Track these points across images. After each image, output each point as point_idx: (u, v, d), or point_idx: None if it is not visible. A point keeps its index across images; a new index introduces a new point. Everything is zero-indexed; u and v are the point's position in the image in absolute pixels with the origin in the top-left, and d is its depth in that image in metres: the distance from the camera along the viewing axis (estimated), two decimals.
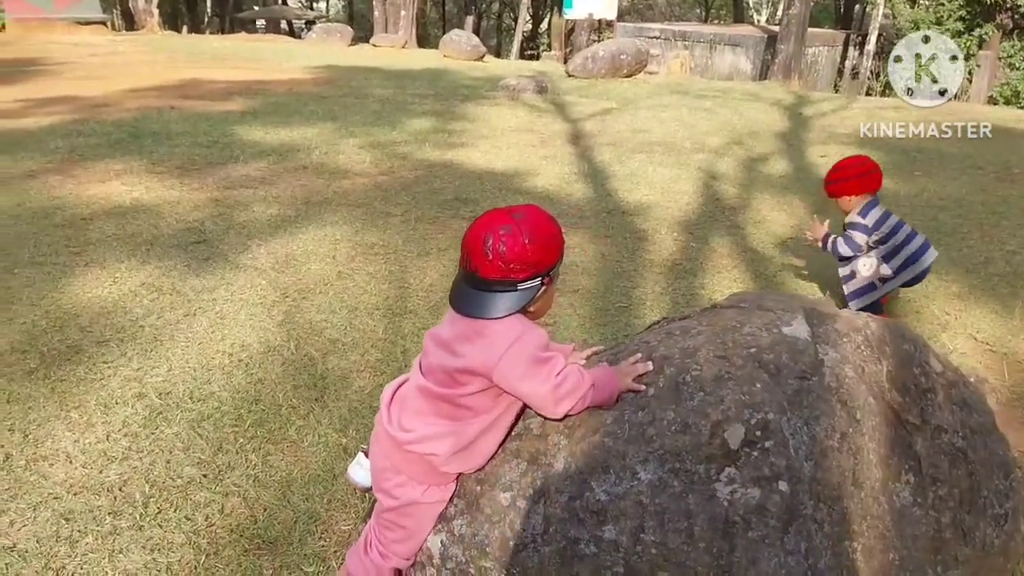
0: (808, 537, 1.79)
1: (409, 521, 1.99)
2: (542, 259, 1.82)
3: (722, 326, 2.02)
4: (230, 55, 16.82)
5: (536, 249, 1.80)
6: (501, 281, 1.80)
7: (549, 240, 1.84)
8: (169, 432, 3.02)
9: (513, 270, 1.79)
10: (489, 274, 1.80)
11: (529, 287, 1.82)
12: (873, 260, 4.01)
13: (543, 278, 1.84)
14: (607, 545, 1.74)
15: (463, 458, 1.94)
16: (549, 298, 1.95)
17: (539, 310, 1.92)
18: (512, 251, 1.77)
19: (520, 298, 1.82)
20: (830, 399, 1.93)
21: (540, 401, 1.85)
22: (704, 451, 1.76)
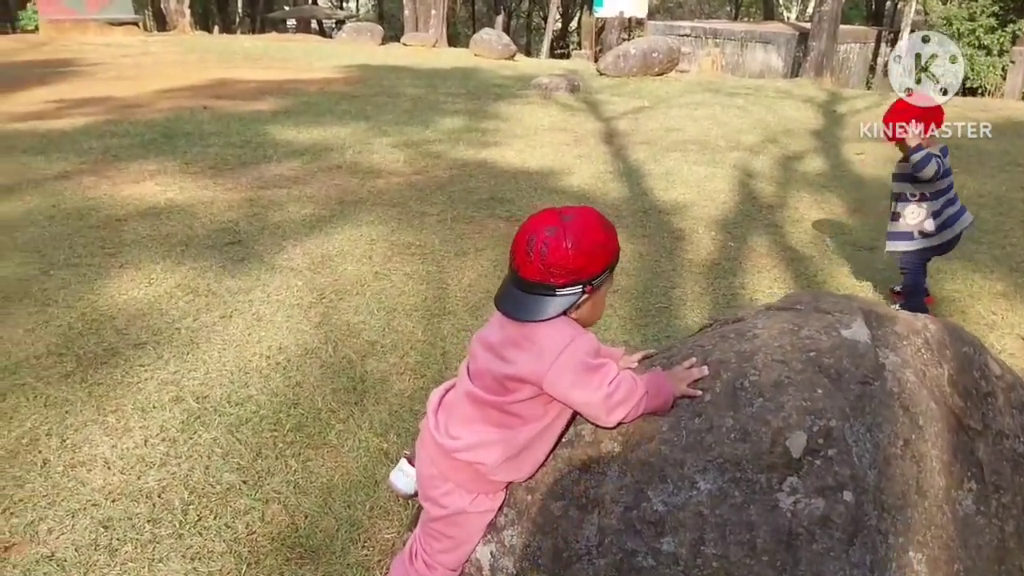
0: (873, 549, 1.71)
1: (456, 531, 1.93)
2: (584, 267, 1.74)
3: (779, 329, 1.94)
4: (261, 55, 16.90)
5: (578, 256, 1.72)
6: (540, 284, 1.74)
7: (595, 248, 1.75)
8: (207, 437, 2.99)
9: (552, 274, 1.72)
10: (529, 275, 1.75)
11: (568, 294, 1.75)
12: (923, 211, 4.01)
13: (584, 286, 1.75)
14: (666, 558, 1.67)
15: (512, 466, 1.88)
16: (597, 307, 1.86)
17: (584, 318, 1.84)
18: (553, 255, 1.71)
19: (558, 304, 1.75)
20: (892, 405, 1.85)
21: (592, 410, 1.79)
22: (765, 460, 1.69)
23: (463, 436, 1.87)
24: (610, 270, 1.83)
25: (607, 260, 1.80)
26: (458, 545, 1.94)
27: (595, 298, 1.82)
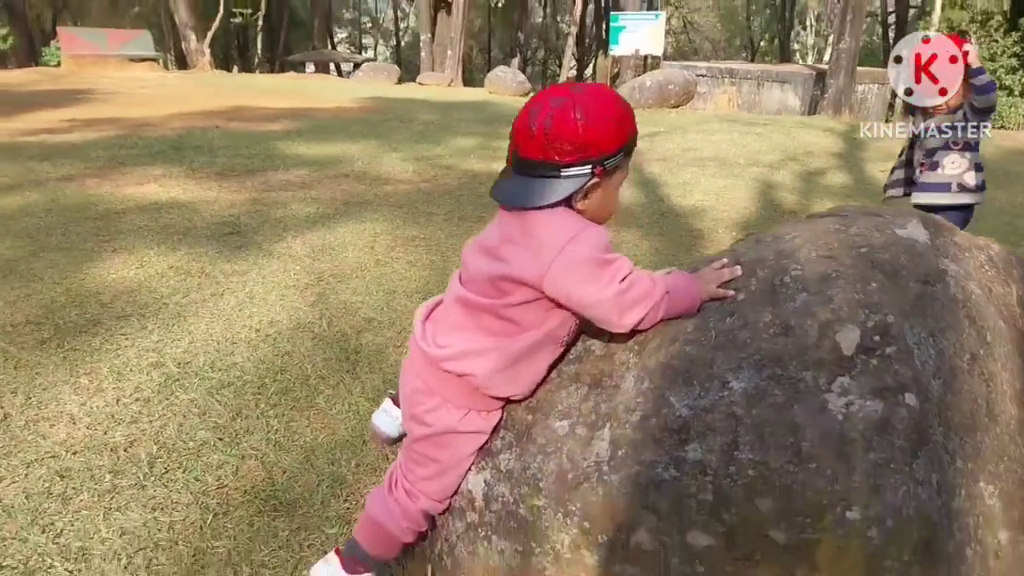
0: (940, 468, 1.43)
1: (443, 453, 1.65)
2: (594, 141, 1.46)
3: (823, 230, 1.69)
4: (276, 89, 16.93)
5: (588, 128, 1.45)
6: (543, 163, 1.48)
7: (607, 121, 1.48)
8: (184, 398, 2.74)
9: (557, 150, 1.46)
10: (530, 153, 1.48)
11: (574, 175, 1.48)
12: (965, 161, 3.74)
13: (594, 167, 1.48)
14: (691, 467, 1.40)
15: (507, 379, 1.61)
16: (608, 200, 1.57)
17: (592, 211, 1.55)
18: (558, 127, 1.45)
19: (564, 187, 1.48)
20: (957, 312, 1.59)
21: (602, 310, 1.50)
22: (811, 356, 1.42)
23: (452, 344, 1.61)
24: (625, 153, 1.54)
25: (622, 139, 1.52)
26: (443, 471, 1.66)
27: (606, 187, 1.54)
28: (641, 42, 20.01)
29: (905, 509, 1.36)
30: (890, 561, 1.37)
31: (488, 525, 1.65)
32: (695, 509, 1.39)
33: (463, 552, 1.71)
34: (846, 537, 1.35)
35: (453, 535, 1.73)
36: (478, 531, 1.67)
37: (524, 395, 1.67)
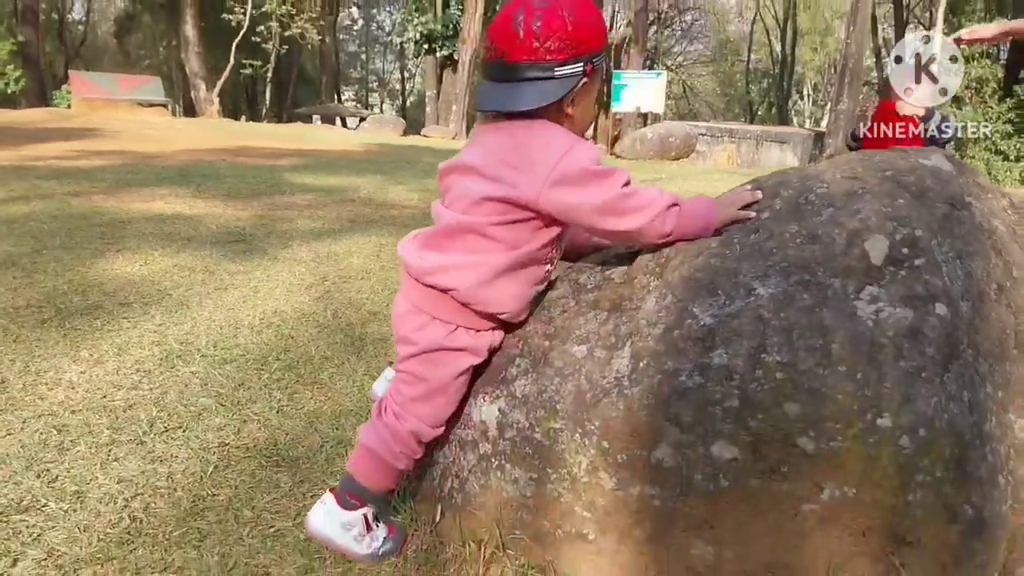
0: (972, 387, 1.39)
1: (432, 371, 1.60)
2: (585, 38, 1.46)
3: (846, 159, 1.68)
4: (283, 134, 17.12)
5: (578, 25, 1.45)
6: (535, 64, 1.45)
7: (593, 19, 1.49)
8: (186, 370, 2.69)
9: (550, 49, 1.44)
10: (520, 56, 1.45)
11: (570, 73, 1.47)
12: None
13: (585, 64, 1.48)
14: (716, 373, 1.36)
15: (490, 295, 1.57)
16: (589, 104, 1.57)
17: (578, 118, 1.55)
18: (549, 25, 1.43)
19: (558, 88, 1.46)
20: (983, 240, 1.57)
21: (604, 214, 1.46)
22: (840, 263, 1.40)
23: (436, 259, 1.59)
24: (605, 54, 1.59)
25: (604, 37, 1.55)
26: (432, 392, 1.61)
27: (590, 89, 1.54)
28: (642, 100, 20.34)
29: (938, 421, 1.32)
30: (922, 475, 1.32)
31: (502, 454, 1.61)
32: (720, 417, 1.35)
33: (474, 486, 1.65)
34: (877, 445, 1.31)
35: (465, 469, 1.68)
36: (491, 461, 1.62)
37: (513, 314, 1.64)
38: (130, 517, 1.84)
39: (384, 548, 1.69)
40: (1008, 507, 1.44)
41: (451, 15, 27.71)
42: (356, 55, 55.35)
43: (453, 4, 27.66)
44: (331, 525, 1.64)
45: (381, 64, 56.68)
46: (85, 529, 1.78)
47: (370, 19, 51.54)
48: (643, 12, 26.22)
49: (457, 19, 27.17)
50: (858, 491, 1.31)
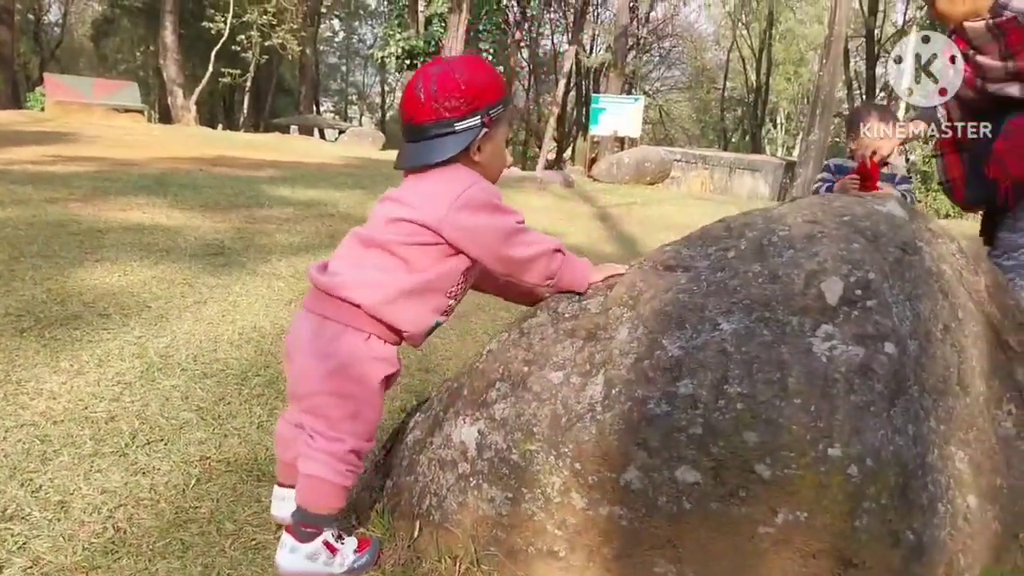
0: (916, 421, 1.50)
1: (356, 386, 1.67)
2: (478, 94, 1.65)
3: (807, 203, 1.79)
4: (262, 144, 17.11)
5: (469, 84, 1.64)
6: (437, 123, 1.64)
7: (484, 77, 1.68)
8: (167, 383, 2.75)
9: (447, 108, 1.63)
10: (423, 117, 1.65)
11: (468, 126, 1.65)
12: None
13: (482, 116, 1.66)
14: (682, 401, 1.46)
15: (393, 312, 1.68)
16: (498, 150, 1.75)
17: (486, 164, 1.73)
18: (444, 88, 1.63)
19: (460, 141, 1.65)
20: (932, 284, 1.68)
21: (492, 235, 1.64)
22: (798, 302, 1.50)
23: (342, 272, 1.71)
24: (504, 106, 1.73)
25: (501, 89, 1.71)
26: (361, 406, 1.68)
27: (495, 137, 1.72)
28: (620, 124, 20.61)
29: (884, 452, 1.43)
30: (868, 502, 1.42)
31: (480, 474, 1.69)
32: (684, 444, 1.45)
33: (452, 504, 1.73)
34: (827, 474, 1.41)
35: (443, 488, 1.76)
36: (469, 480, 1.70)
37: (412, 335, 1.74)
38: (114, 527, 1.89)
39: (359, 562, 1.75)
40: (947, 533, 1.54)
41: (433, 32, 27.88)
42: (336, 67, 55.39)
43: (435, 21, 27.84)
44: (298, 561, 1.70)
45: (361, 77, 56.76)
46: (70, 538, 1.83)
47: (351, 32, 51.65)
48: (623, 37, 26.61)
49: (439, 36, 27.34)
50: (810, 516, 1.41)
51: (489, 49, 28.40)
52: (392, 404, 2.74)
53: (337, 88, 56.15)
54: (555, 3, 37.78)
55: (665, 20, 40.45)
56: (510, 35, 32.95)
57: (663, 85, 45.43)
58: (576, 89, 39.42)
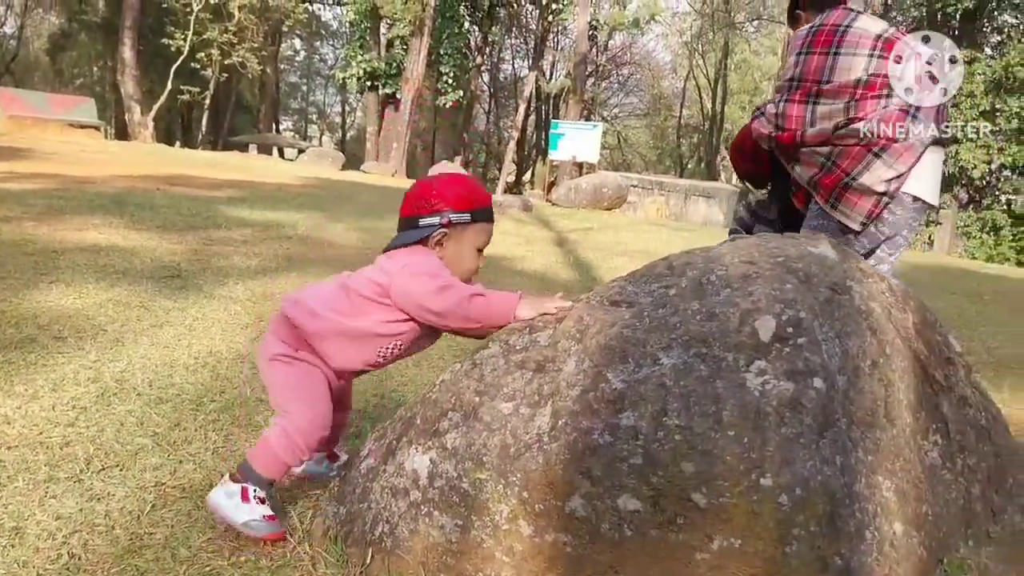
0: (844, 452, 1.60)
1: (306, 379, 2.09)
2: (441, 200, 2.04)
3: (744, 244, 1.90)
4: (220, 163, 17.01)
5: (438, 192, 2.06)
6: (409, 218, 2.08)
7: (455, 190, 2.08)
8: (122, 408, 2.76)
9: (416, 207, 2.06)
10: (403, 212, 2.10)
11: (427, 224, 2.04)
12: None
13: (442, 219, 2.03)
14: (624, 432, 1.54)
15: (324, 344, 2.06)
16: (463, 255, 2.09)
17: (450, 260, 2.07)
18: (418, 191, 2.10)
19: (419, 232, 2.05)
20: (860, 321, 1.79)
21: (418, 295, 1.96)
22: (733, 339, 1.60)
23: (303, 300, 2.09)
24: (474, 218, 2.08)
25: (468, 205, 2.07)
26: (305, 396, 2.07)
27: (460, 241, 2.07)
28: (578, 149, 20.87)
29: (812, 481, 1.52)
30: (798, 529, 1.51)
31: (431, 502, 1.75)
32: (626, 473, 1.52)
33: (404, 531, 1.79)
34: (760, 502, 1.49)
35: (396, 516, 1.81)
36: (420, 508, 1.76)
37: (335, 366, 2.11)
38: (69, 554, 1.91)
39: (255, 523, 1.98)
40: (874, 559, 1.64)
41: (395, 54, 28.03)
42: (297, 86, 55.24)
43: (397, 44, 27.99)
44: (218, 495, 2.03)
45: (322, 97, 56.67)
46: (24, 565, 1.85)
47: (313, 52, 51.59)
48: (582, 64, 27.00)
49: (401, 59, 27.51)
50: (743, 542, 1.49)
51: (450, 72, 28.56)
52: (347, 430, 2.79)
53: (297, 107, 55.98)
54: (516, 29, 38.22)
55: (624, 48, 41.10)
56: (471, 59, 33.22)
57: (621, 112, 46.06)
58: (536, 114, 39.80)
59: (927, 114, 2.89)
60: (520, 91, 35.95)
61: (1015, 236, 22.46)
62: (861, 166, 2.88)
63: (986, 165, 21.48)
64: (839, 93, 2.90)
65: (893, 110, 2.87)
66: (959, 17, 22.91)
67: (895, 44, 2.91)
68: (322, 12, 45.19)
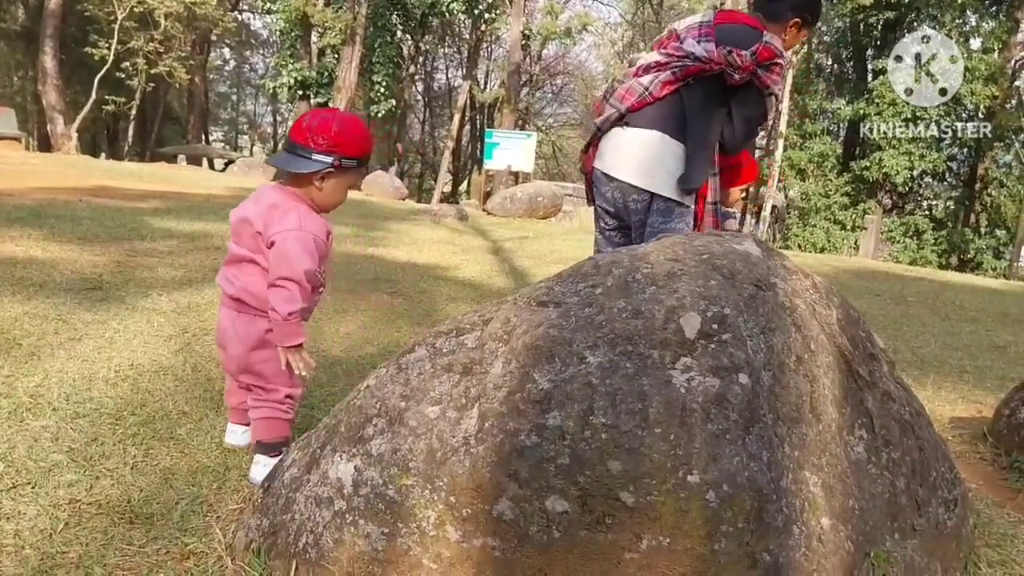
0: (770, 448, 1.61)
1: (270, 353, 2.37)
2: (340, 144, 2.19)
3: (671, 242, 1.90)
4: (147, 174, 16.57)
5: (339, 133, 2.19)
6: (302, 146, 2.20)
7: (354, 137, 2.22)
8: (36, 424, 2.64)
9: (313, 141, 2.18)
10: (296, 138, 2.21)
11: (320, 160, 2.19)
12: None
13: (335, 160, 2.19)
14: (551, 433, 1.52)
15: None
16: (338, 190, 2.29)
17: (324, 194, 2.27)
18: (319, 127, 2.19)
19: (310, 166, 2.19)
20: (785, 317, 1.81)
21: (280, 273, 2.20)
22: (658, 336, 1.59)
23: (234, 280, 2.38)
24: (358, 165, 2.27)
25: (360, 151, 2.25)
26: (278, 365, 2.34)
27: (340, 180, 2.26)
28: (513, 159, 20.89)
29: (739, 477, 1.52)
30: (726, 526, 1.51)
31: (356, 510, 1.70)
32: (553, 474, 1.50)
33: (328, 541, 1.74)
34: (687, 500, 1.49)
35: (320, 526, 1.76)
36: (345, 517, 1.71)
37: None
38: None
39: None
40: (802, 554, 1.65)
41: (326, 63, 27.73)
42: (227, 96, 54.23)
43: (328, 53, 27.71)
44: (263, 471, 2.30)
45: (253, 107, 55.72)
46: None
47: (243, 61, 50.74)
48: (516, 74, 27.12)
49: (332, 68, 27.23)
50: (672, 541, 1.49)
51: (382, 81, 28.38)
52: None
53: (227, 117, 54.94)
54: (449, 38, 38.22)
55: (557, 58, 41.43)
56: (404, 68, 33.09)
57: (555, 121, 46.36)
58: (471, 124, 39.80)
59: (618, 97, 3.12)
60: (454, 100, 35.92)
61: (936, 240, 23.30)
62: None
63: (908, 171, 22.19)
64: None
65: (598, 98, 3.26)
66: (880, 28, 23.68)
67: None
68: (251, 21, 44.50)
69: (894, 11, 22.86)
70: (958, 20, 22.84)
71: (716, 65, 2.89)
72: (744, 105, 3.00)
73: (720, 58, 2.88)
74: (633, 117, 3.06)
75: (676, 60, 2.98)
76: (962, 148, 24.37)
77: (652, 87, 3.02)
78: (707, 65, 2.91)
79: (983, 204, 24.25)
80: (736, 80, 2.90)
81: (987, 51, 22.37)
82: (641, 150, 3.05)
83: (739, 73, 2.88)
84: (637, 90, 3.05)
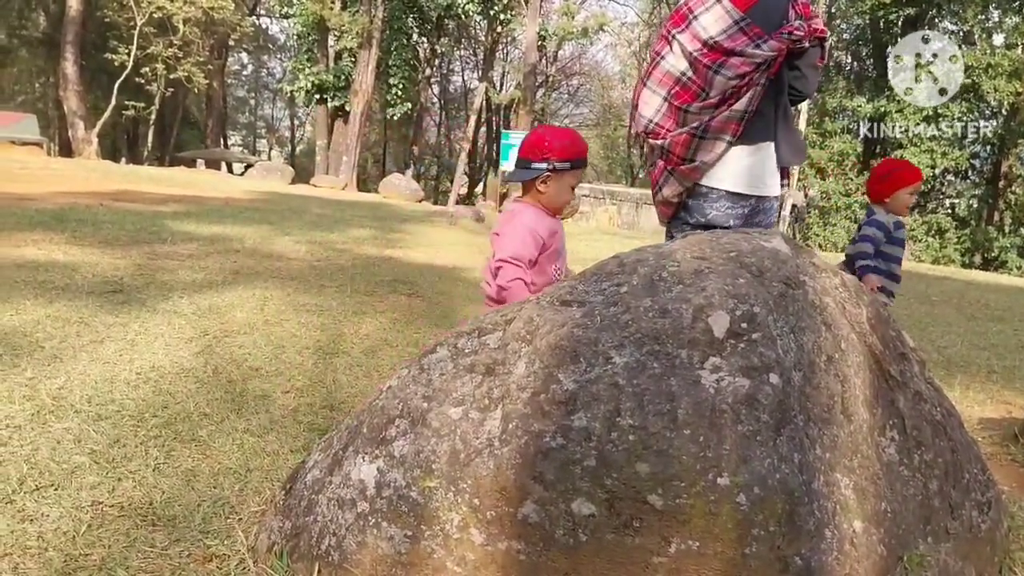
0: (801, 450, 1.57)
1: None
2: (551, 151, 2.47)
3: (696, 240, 1.87)
4: (166, 178, 16.70)
5: (551, 142, 2.48)
6: (524, 159, 2.51)
7: (562, 143, 2.49)
8: (59, 427, 2.64)
9: (531, 152, 2.50)
10: (520, 154, 2.54)
11: (536, 168, 2.48)
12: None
13: (549, 166, 2.46)
14: (577, 434, 1.49)
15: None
16: (561, 190, 2.53)
17: (549, 195, 2.52)
18: (534, 140, 2.52)
19: (529, 173, 2.49)
20: (815, 316, 1.77)
21: (499, 248, 2.46)
22: (686, 335, 1.56)
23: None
24: (573, 166, 2.50)
25: (573, 154, 2.50)
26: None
27: (559, 181, 2.50)
28: None
29: (770, 479, 1.49)
30: (757, 529, 1.48)
31: (379, 512, 1.68)
32: (579, 476, 1.48)
33: (351, 544, 1.72)
34: (717, 503, 1.46)
35: (343, 528, 1.74)
36: (368, 519, 1.69)
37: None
38: None
39: None
40: (834, 558, 1.61)
41: (343, 67, 27.81)
42: (245, 100, 54.51)
43: (345, 56, 27.78)
44: None
45: (271, 110, 55.96)
46: None
47: (260, 65, 51.00)
48: (532, 75, 27.07)
49: (349, 71, 27.30)
50: (701, 544, 1.45)
51: (399, 84, 28.43)
52: (295, 443, 2.71)
53: (245, 121, 55.23)
54: (465, 40, 38.24)
55: (573, 59, 41.36)
56: (420, 71, 33.13)
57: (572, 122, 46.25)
58: (487, 125, 39.79)
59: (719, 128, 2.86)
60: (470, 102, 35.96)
61: (959, 239, 23.03)
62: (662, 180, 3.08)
63: (930, 169, 21.96)
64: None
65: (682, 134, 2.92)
66: (901, 24, 23.46)
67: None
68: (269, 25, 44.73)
69: (915, 7, 22.63)
70: (980, 16, 22.59)
71: (785, 52, 2.86)
72: (808, 55, 2.98)
73: (787, 44, 2.83)
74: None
75: (752, 72, 2.86)
76: (985, 145, 24.08)
77: (748, 108, 2.89)
78: (780, 56, 2.86)
79: (1007, 202, 23.96)
80: (805, 47, 2.89)
81: (1010, 47, 22.11)
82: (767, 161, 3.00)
83: (805, 40, 2.87)
84: (736, 117, 2.90)
